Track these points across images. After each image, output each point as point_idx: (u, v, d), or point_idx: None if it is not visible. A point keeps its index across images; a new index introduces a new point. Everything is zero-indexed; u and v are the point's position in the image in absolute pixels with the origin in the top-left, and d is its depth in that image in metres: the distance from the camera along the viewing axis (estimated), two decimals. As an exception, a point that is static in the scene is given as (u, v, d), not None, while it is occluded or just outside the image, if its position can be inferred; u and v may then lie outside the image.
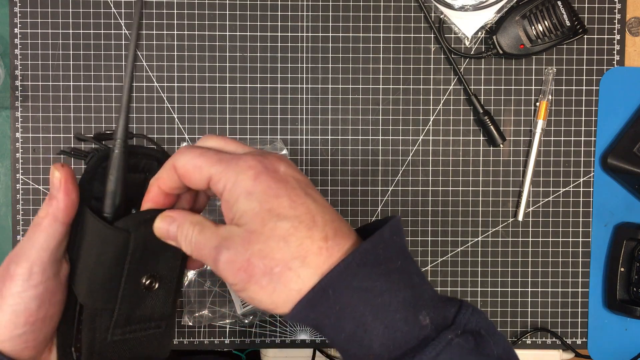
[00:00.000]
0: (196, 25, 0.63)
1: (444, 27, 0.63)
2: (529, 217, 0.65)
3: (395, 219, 0.32)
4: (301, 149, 0.64)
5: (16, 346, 0.34)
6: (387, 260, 0.30)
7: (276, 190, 0.30)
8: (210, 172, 0.31)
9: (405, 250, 0.32)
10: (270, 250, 0.29)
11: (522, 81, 0.64)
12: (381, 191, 0.64)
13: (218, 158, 0.32)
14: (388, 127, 0.64)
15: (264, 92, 0.64)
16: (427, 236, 0.65)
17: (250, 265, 0.29)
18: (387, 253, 0.30)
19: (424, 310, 0.30)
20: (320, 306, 0.29)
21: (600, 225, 0.65)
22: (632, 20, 0.64)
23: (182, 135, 0.64)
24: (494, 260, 0.65)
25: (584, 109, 0.64)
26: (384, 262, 0.30)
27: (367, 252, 0.30)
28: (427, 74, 0.64)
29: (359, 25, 0.64)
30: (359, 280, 0.29)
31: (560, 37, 0.61)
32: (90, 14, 0.63)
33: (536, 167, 0.64)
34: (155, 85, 0.63)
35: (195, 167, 0.32)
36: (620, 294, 0.63)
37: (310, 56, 0.63)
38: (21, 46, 0.63)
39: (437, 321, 0.30)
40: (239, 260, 0.30)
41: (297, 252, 0.29)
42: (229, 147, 0.34)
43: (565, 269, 0.65)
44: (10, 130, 0.63)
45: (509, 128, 0.64)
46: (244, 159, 0.31)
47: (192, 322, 0.64)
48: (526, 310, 0.65)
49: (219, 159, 0.31)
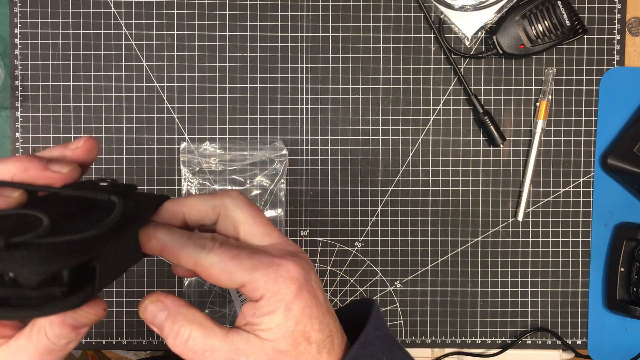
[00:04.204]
0: (196, 25, 0.63)
1: (444, 27, 0.63)
2: (529, 217, 0.65)
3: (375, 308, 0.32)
4: (301, 149, 0.64)
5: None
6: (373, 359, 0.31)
7: (311, 309, 0.29)
8: (244, 280, 0.29)
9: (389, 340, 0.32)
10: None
11: (522, 81, 0.64)
12: (381, 191, 0.64)
13: (253, 264, 0.29)
14: (388, 127, 0.64)
15: (264, 92, 0.64)
16: (427, 236, 0.65)
17: None
18: (374, 352, 0.31)
19: None
20: None
21: (600, 225, 0.65)
22: (632, 20, 0.64)
23: (182, 135, 0.64)
24: (494, 260, 0.65)
25: (584, 109, 0.64)
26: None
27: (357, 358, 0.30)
28: (427, 74, 0.64)
29: (359, 25, 0.64)
30: None
31: (560, 37, 0.61)
32: (90, 14, 0.63)
33: (536, 167, 0.64)
34: (155, 85, 0.63)
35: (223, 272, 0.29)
36: (620, 294, 0.63)
37: (310, 56, 0.63)
38: (21, 46, 0.63)
39: None
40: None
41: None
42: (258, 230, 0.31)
43: (565, 269, 0.65)
44: (10, 130, 0.63)
45: (509, 128, 0.64)
46: (285, 267, 0.29)
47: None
48: (526, 310, 0.65)
49: (255, 265, 0.29)
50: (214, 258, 0.29)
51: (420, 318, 0.65)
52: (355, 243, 0.65)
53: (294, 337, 0.29)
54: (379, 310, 0.33)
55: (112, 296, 0.64)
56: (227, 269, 0.29)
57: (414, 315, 0.65)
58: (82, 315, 0.28)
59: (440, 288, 0.65)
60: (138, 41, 0.63)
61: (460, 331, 0.65)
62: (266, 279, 0.29)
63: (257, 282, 0.29)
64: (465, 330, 0.65)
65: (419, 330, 0.65)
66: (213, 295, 0.64)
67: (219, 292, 0.64)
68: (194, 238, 0.30)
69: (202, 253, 0.29)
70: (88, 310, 0.28)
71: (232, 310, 0.63)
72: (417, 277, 0.65)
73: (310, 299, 0.29)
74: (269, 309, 0.29)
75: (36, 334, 0.29)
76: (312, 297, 0.29)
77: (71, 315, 0.28)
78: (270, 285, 0.29)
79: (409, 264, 0.65)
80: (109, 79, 0.63)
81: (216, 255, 0.29)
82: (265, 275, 0.29)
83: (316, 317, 0.29)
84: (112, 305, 0.64)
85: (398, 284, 0.65)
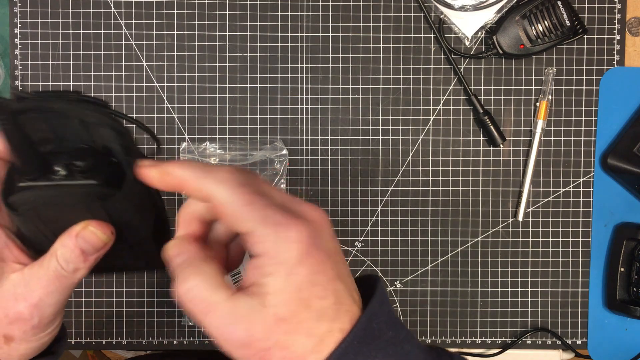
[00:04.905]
0: (196, 25, 0.63)
1: (444, 27, 0.63)
2: (529, 217, 0.65)
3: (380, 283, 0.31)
4: (301, 149, 0.64)
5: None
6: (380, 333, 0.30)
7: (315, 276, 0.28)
8: (251, 229, 0.28)
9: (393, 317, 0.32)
10: (293, 343, 0.28)
11: (522, 81, 0.64)
12: (381, 191, 0.64)
13: (264, 216, 0.28)
14: (388, 127, 0.64)
15: (264, 92, 0.64)
16: (427, 236, 0.65)
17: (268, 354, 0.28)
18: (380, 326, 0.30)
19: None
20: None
21: (600, 225, 0.65)
22: (632, 20, 0.64)
23: (182, 135, 0.64)
24: (494, 260, 0.65)
25: (584, 109, 0.64)
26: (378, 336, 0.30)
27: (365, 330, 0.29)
28: (427, 74, 0.64)
29: (359, 25, 0.64)
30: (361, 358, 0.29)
31: (560, 37, 0.61)
32: (90, 14, 0.63)
33: (536, 167, 0.64)
34: (155, 85, 0.63)
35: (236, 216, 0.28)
36: (620, 294, 0.63)
37: (310, 56, 0.63)
38: (21, 46, 0.63)
39: None
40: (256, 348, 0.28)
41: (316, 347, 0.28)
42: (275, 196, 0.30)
43: (565, 269, 0.65)
44: (10, 130, 0.63)
45: (509, 128, 0.64)
46: (295, 228, 0.28)
47: (192, 322, 0.64)
48: (526, 310, 0.65)
49: (265, 219, 0.28)
50: (227, 196, 0.28)
51: (420, 318, 0.65)
52: (355, 243, 0.65)
53: (295, 304, 0.28)
54: (383, 287, 0.32)
55: (112, 296, 0.64)
56: (237, 213, 0.28)
57: (414, 315, 0.65)
58: (92, 233, 0.31)
59: (440, 288, 0.65)
60: (138, 41, 0.63)
61: (460, 331, 0.65)
62: (271, 237, 0.28)
63: (261, 237, 0.28)
64: (465, 330, 0.65)
65: (419, 330, 0.65)
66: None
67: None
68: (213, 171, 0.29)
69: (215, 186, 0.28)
70: (97, 228, 0.31)
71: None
72: (417, 277, 0.65)
73: (315, 264, 0.28)
74: (270, 269, 0.28)
75: (47, 259, 0.31)
76: (318, 263, 0.28)
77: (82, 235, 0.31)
78: (273, 245, 0.28)
79: (409, 264, 0.65)
80: (109, 79, 0.63)
81: (232, 194, 0.28)
82: (272, 234, 0.28)
83: (320, 283, 0.28)
84: (112, 305, 0.64)
85: (398, 284, 0.65)
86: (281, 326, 0.28)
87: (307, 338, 0.28)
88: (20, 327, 0.32)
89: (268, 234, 0.28)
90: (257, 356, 0.28)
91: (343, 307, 0.29)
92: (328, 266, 0.29)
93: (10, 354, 0.33)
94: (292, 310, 0.28)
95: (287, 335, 0.28)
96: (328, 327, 0.28)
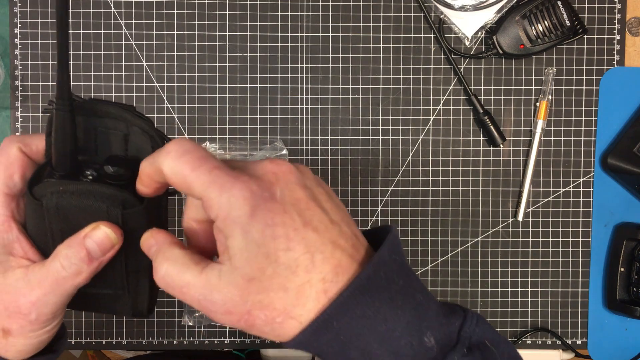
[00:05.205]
0: (196, 25, 0.63)
1: (444, 27, 0.63)
2: (529, 217, 0.65)
3: (393, 233, 0.30)
4: (301, 149, 0.64)
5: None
6: (389, 283, 0.29)
7: (272, 229, 0.27)
8: (201, 194, 0.28)
9: (405, 267, 0.31)
10: (271, 301, 0.28)
11: (522, 81, 0.64)
12: (381, 191, 0.64)
13: (211, 179, 0.28)
14: (388, 127, 0.64)
15: (264, 92, 0.64)
16: (427, 236, 0.65)
17: (251, 317, 0.28)
18: (389, 275, 0.29)
19: (429, 331, 0.29)
20: (324, 337, 0.28)
21: (600, 225, 0.65)
22: (632, 20, 0.64)
23: (182, 135, 0.64)
24: (494, 260, 0.65)
25: (584, 109, 0.64)
26: (386, 285, 0.29)
27: (369, 279, 0.28)
28: (427, 74, 0.64)
29: (359, 25, 0.64)
30: (363, 308, 0.28)
31: (560, 37, 0.61)
32: (90, 14, 0.63)
33: (536, 167, 0.64)
34: (155, 85, 0.63)
35: (185, 182, 0.28)
36: (620, 294, 0.63)
37: (310, 56, 0.63)
38: (21, 46, 0.63)
39: (442, 341, 0.29)
40: (238, 312, 0.28)
41: (297, 300, 0.28)
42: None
43: (565, 269, 0.65)
44: (10, 130, 0.63)
45: (509, 128, 0.64)
46: (239, 185, 0.28)
47: (192, 322, 0.64)
48: (526, 310, 0.65)
49: (212, 181, 0.28)
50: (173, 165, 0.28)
51: (420, 318, 0.65)
52: (355, 243, 0.65)
53: (259, 262, 0.27)
54: (397, 237, 0.30)
55: (112, 296, 0.64)
56: (186, 180, 0.28)
57: (414, 315, 0.65)
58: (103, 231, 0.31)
59: (441, 288, 0.65)
60: (138, 41, 0.63)
61: (460, 331, 0.65)
62: (220, 199, 0.27)
63: (211, 199, 0.28)
64: (465, 330, 0.65)
65: (419, 330, 0.65)
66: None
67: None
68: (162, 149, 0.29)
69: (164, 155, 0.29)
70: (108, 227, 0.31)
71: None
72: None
73: (269, 216, 0.27)
74: (227, 230, 0.28)
75: (51, 259, 0.32)
76: (273, 215, 0.28)
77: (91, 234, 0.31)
78: (222, 204, 0.27)
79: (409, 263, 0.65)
80: (109, 79, 0.63)
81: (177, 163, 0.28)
82: (219, 195, 0.27)
83: (282, 235, 0.27)
84: (112, 305, 0.64)
85: (398, 284, 0.65)
86: (253, 286, 0.27)
87: (284, 292, 0.28)
88: (18, 321, 0.32)
89: (216, 196, 0.27)
90: (242, 320, 0.28)
91: (319, 255, 0.28)
92: (289, 216, 0.28)
93: (7, 349, 0.33)
94: (259, 268, 0.27)
95: (261, 293, 0.28)
96: (304, 278, 0.28)
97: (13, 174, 0.32)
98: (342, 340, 0.28)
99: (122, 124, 0.32)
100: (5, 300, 0.32)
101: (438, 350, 0.29)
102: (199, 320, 0.63)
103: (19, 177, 0.33)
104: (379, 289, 0.29)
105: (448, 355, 0.29)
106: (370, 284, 0.28)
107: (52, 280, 0.32)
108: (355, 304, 0.28)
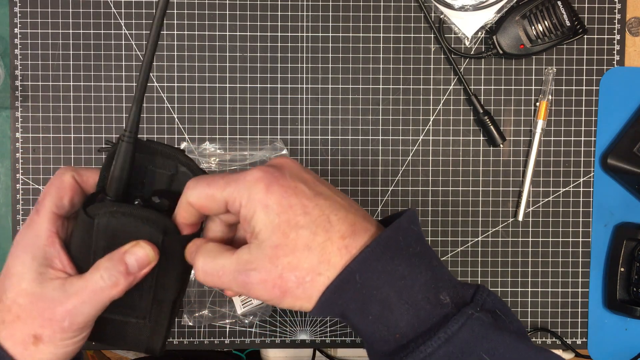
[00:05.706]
0: (196, 25, 0.63)
1: (444, 27, 0.63)
2: (529, 217, 0.65)
3: (411, 210, 0.34)
4: (301, 149, 0.64)
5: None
6: (407, 246, 0.32)
7: (288, 199, 0.31)
8: (224, 196, 0.32)
9: (422, 238, 0.33)
10: (298, 261, 0.31)
11: (522, 81, 0.64)
12: (381, 191, 0.64)
13: (225, 181, 0.32)
14: (388, 127, 0.64)
15: (264, 92, 0.64)
16: (427, 236, 0.65)
17: (284, 280, 0.31)
18: (407, 240, 0.32)
19: (444, 290, 0.32)
20: (348, 291, 0.31)
21: (600, 225, 0.65)
22: (632, 20, 0.64)
23: (182, 135, 0.64)
24: (494, 260, 0.65)
25: (584, 109, 0.64)
26: (404, 248, 0.32)
27: (389, 239, 0.31)
28: (427, 74, 0.64)
29: (359, 25, 0.64)
30: (383, 264, 0.31)
31: (560, 37, 0.61)
32: (90, 14, 0.63)
33: (536, 167, 0.64)
34: (155, 85, 0.63)
35: (208, 197, 0.33)
36: (620, 294, 0.63)
37: (310, 56, 0.64)
38: (21, 46, 0.63)
39: (456, 300, 0.32)
40: (271, 279, 0.31)
41: (321, 257, 0.31)
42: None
43: (565, 269, 0.65)
44: (10, 130, 0.63)
45: (509, 128, 0.64)
46: (250, 173, 0.32)
47: (192, 322, 0.64)
48: (526, 310, 0.65)
49: (227, 182, 0.32)
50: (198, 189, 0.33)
51: (420, 318, 0.65)
52: (355, 243, 0.65)
53: (282, 229, 0.31)
54: (415, 214, 0.33)
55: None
56: (210, 194, 0.33)
57: (414, 315, 0.65)
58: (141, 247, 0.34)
59: (440, 288, 0.65)
60: (138, 41, 0.63)
61: (460, 331, 0.65)
62: (237, 189, 0.32)
63: (232, 194, 0.32)
64: (465, 330, 0.65)
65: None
66: (213, 295, 0.64)
67: (219, 292, 0.64)
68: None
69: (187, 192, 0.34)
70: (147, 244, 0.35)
71: (232, 310, 0.63)
72: (417, 277, 0.65)
73: (283, 190, 0.31)
74: (250, 212, 0.32)
75: (90, 272, 0.35)
76: (285, 188, 0.32)
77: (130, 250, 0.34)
78: (242, 193, 0.32)
79: (409, 264, 0.65)
80: (109, 79, 0.63)
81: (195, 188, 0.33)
82: (236, 187, 0.32)
83: (297, 203, 0.31)
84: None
85: (398, 284, 0.65)
86: (280, 251, 0.31)
87: (309, 252, 0.31)
88: (51, 328, 0.34)
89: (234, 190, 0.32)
90: (276, 285, 0.31)
91: (334, 216, 0.32)
92: (300, 188, 0.32)
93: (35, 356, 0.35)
94: (282, 233, 0.31)
95: (289, 256, 0.31)
96: (324, 236, 0.31)
97: (64, 197, 0.36)
98: (364, 294, 0.31)
99: (171, 163, 0.37)
100: (41, 307, 0.34)
101: (453, 306, 0.32)
102: (199, 320, 0.63)
103: (68, 201, 0.36)
104: (398, 249, 0.32)
105: (462, 309, 0.31)
106: (390, 243, 0.31)
107: (90, 290, 0.34)
108: (376, 260, 0.31)
